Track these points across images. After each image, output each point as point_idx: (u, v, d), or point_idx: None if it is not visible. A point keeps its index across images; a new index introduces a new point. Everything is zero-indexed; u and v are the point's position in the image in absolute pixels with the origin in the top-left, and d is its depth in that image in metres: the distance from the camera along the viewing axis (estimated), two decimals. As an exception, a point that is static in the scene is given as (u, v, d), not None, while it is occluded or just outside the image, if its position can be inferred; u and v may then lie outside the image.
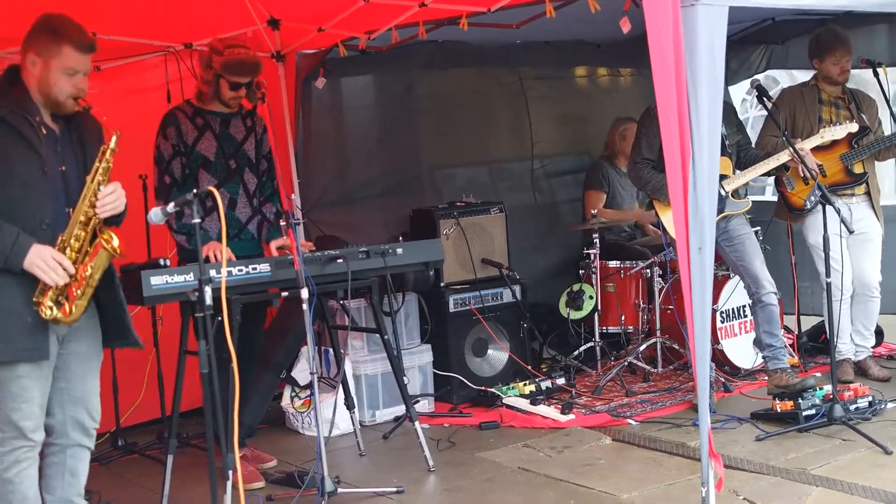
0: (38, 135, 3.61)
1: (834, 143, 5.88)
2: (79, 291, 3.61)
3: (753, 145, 6.09)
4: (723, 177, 5.58)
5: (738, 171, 5.77)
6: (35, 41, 3.65)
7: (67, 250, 3.59)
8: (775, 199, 6.57)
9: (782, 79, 8.86)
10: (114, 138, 3.64)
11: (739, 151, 5.86)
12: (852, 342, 6.20)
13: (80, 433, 3.80)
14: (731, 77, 7.82)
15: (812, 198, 5.83)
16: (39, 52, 3.63)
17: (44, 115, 3.68)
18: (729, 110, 5.97)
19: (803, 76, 6.61)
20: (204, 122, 5.01)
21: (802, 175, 5.70)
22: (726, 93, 7.64)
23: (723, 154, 5.43)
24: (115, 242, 3.64)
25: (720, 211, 5.40)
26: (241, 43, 5.03)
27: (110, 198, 3.63)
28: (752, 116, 9.91)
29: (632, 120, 7.37)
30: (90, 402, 3.81)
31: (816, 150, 5.80)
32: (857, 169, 6.01)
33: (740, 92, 8.43)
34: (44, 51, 3.63)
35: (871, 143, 5.95)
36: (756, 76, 7.76)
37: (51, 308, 3.56)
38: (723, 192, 5.56)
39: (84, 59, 3.67)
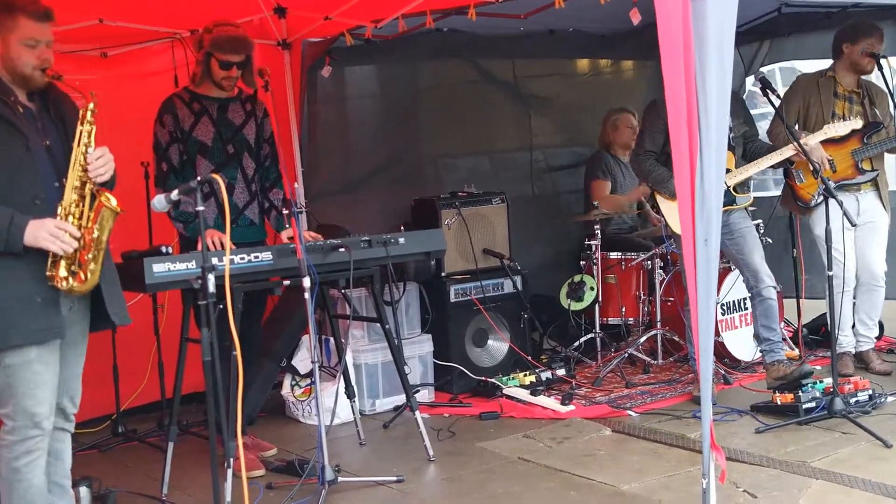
0: (15, 113, 3.58)
1: (845, 137, 5.86)
2: (89, 256, 3.59)
3: (766, 134, 6.08)
4: (726, 170, 5.57)
5: (742, 164, 5.76)
6: None
7: (70, 218, 3.57)
8: (779, 193, 6.57)
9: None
10: (91, 102, 3.61)
11: (746, 143, 5.85)
12: (854, 334, 6.20)
13: (61, 418, 3.79)
14: (747, 69, 7.86)
15: (818, 195, 5.84)
16: None
17: (18, 94, 3.64)
18: (737, 101, 5.96)
19: (813, 67, 6.57)
20: (201, 108, 4.99)
21: (811, 168, 5.70)
22: (742, 86, 7.67)
23: (727, 148, 5.42)
24: (114, 201, 3.61)
25: (723, 204, 5.40)
26: (231, 22, 4.99)
27: (101, 160, 3.60)
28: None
29: (623, 110, 7.40)
30: (72, 388, 3.80)
31: (828, 143, 5.80)
32: (867, 165, 6.00)
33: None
34: (1, 28, 3.59)
35: (883, 140, 5.95)
36: (762, 69, 7.76)
37: (66, 279, 3.55)
38: (724, 186, 5.55)
39: (42, 28, 3.61)
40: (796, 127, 6.03)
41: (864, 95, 6.07)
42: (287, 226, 5.01)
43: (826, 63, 6.23)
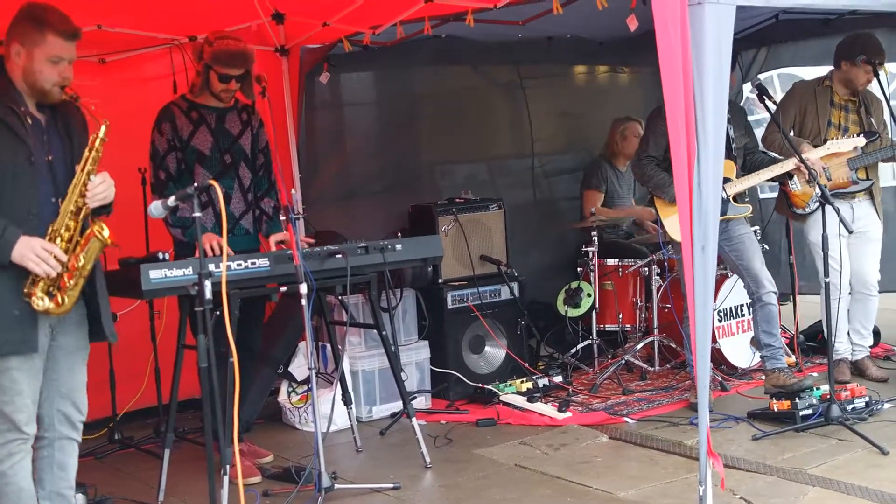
0: (23, 124, 3.58)
1: (855, 146, 5.85)
2: (71, 282, 3.59)
3: (760, 141, 6.09)
4: (726, 179, 5.58)
5: (742, 175, 5.76)
6: (18, 31, 3.62)
7: (58, 240, 3.56)
8: (771, 195, 6.58)
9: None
10: (103, 128, 3.61)
11: (746, 154, 5.87)
12: (849, 341, 6.20)
13: (68, 427, 3.78)
14: (744, 76, 7.89)
15: (812, 203, 5.85)
16: (23, 41, 3.60)
17: (29, 105, 3.65)
18: (738, 111, 5.97)
19: (811, 74, 6.57)
20: (199, 117, 4.99)
21: (807, 178, 5.72)
22: (739, 94, 7.68)
23: (728, 157, 5.43)
24: (106, 233, 3.61)
25: (721, 214, 5.40)
26: (233, 35, 4.99)
27: (101, 187, 3.61)
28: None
29: (631, 119, 7.38)
30: (77, 396, 3.79)
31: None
32: (861, 174, 6.01)
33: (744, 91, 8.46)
34: (27, 40, 3.59)
35: (878, 150, 5.96)
36: (759, 76, 7.79)
37: (42, 299, 3.54)
38: (724, 196, 5.55)
39: (68, 47, 3.63)
40: (791, 134, 6.03)
41: (861, 104, 6.08)
42: (277, 230, 5.01)
43: (824, 70, 6.23)
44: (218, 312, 3.81)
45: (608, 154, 7.46)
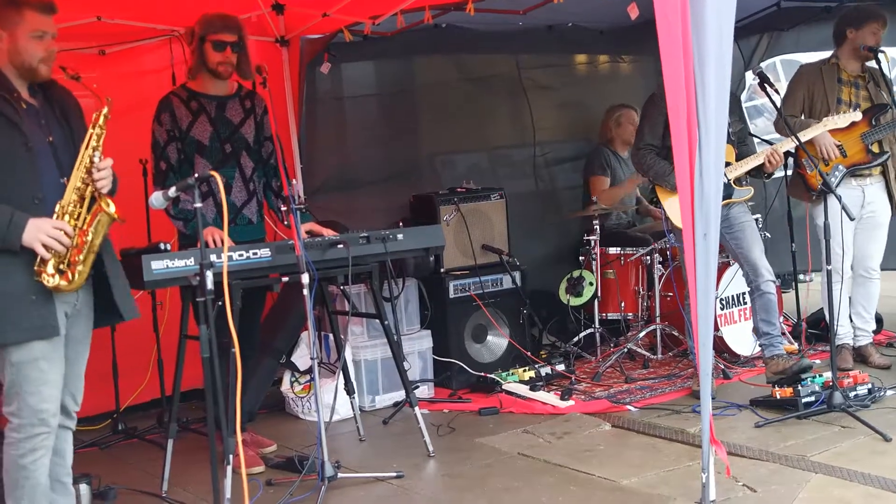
0: (17, 111, 3.60)
1: (854, 122, 5.82)
2: (80, 257, 3.60)
3: (773, 125, 6.07)
4: (726, 164, 5.58)
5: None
6: None
7: (66, 217, 3.59)
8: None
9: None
10: (106, 107, 3.64)
11: (737, 142, 5.86)
12: (851, 325, 6.19)
13: (64, 416, 3.80)
14: (746, 64, 7.87)
15: (832, 179, 5.81)
16: (3, 25, 3.63)
17: (21, 89, 3.67)
18: (732, 99, 5.95)
19: (813, 60, 6.55)
20: (199, 106, 4.98)
21: (822, 157, 5.71)
22: (741, 83, 7.67)
23: (727, 141, 5.42)
24: (112, 208, 3.63)
25: (723, 198, 5.39)
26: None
27: (106, 171, 3.63)
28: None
29: (625, 106, 7.39)
30: (75, 387, 3.82)
31: (836, 129, 5.78)
32: (877, 148, 5.97)
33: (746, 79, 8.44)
34: (7, 22, 3.63)
35: (892, 122, 5.92)
36: (761, 63, 7.77)
37: (52, 276, 3.56)
38: (725, 180, 5.55)
39: (47, 21, 3.66)
40: (802, 116, 6.01)
41: (869, 79, 6.04)
42: (306, 220, 4.99)
43: (827, 54, 6.21)
44: (220, 303, 3.81)
45: (605, 141, 7.46)
